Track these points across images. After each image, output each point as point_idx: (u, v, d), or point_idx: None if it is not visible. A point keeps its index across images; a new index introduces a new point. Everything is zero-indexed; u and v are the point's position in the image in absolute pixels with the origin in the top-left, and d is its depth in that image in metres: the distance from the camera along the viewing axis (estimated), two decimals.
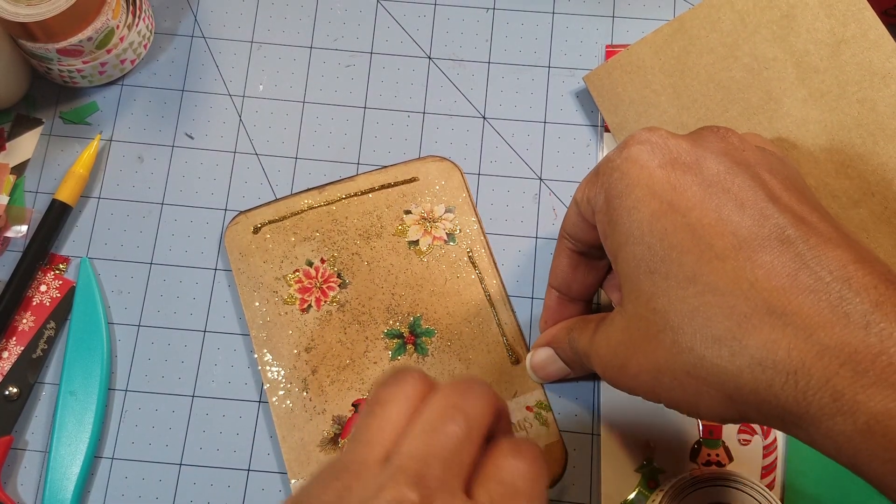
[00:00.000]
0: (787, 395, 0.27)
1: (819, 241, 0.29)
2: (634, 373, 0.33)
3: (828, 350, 0.27)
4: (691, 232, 0.30)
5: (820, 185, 0.43)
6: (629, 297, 0.33)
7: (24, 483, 0.45)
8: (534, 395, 0.45)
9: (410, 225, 0.48)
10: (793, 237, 0.29)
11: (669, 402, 0.32)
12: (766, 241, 0.29)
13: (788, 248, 0.29)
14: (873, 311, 0.27)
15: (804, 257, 0.29)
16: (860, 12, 0.43)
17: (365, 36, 0.52)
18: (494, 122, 0.51)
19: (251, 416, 0.46)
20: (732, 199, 0.31)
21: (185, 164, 0.50)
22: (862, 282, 0.28)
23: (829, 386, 0.27)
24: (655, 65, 0.47)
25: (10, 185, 0.48)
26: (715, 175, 0.31)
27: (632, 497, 0.44)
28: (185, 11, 0.52)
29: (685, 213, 0.31)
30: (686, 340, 0.30)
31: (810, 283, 0.28)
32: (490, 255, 0.48)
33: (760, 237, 0.30)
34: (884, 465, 0.26)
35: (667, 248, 0.31)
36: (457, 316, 0.46)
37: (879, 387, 0.26)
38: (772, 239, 0.29)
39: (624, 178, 0.33)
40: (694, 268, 0.30)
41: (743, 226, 0.30)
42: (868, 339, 0.26)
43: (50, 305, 0.47)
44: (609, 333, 0.35)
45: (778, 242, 0.29)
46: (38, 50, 0.46)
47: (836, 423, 0.27)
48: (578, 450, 0.45)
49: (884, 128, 0.42)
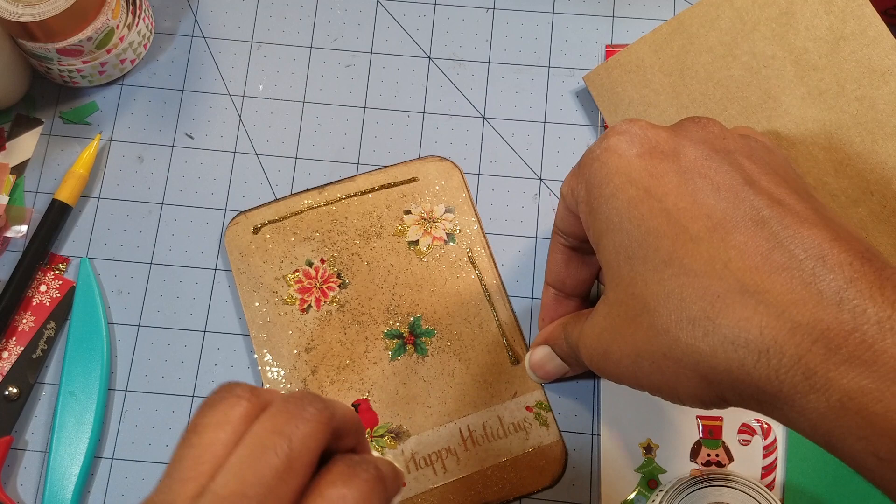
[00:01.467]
0: (760, 373, 0.27)
1: (794, 221, 0.29)
2: (616, 358, 0.33)
3: (800, 327, 0.27)
4: (667, 216, 0.31)
5: (819, 184, 0.43)
6: (611, 285, 0.33)
7: (24, 483, 0.45)
8: (533, 395, 0.45)
9: (410, 225, 0.48)
10: (767, 217, 0.29)
11: (650, 387, 0.32)
12: (740, 223, 0.29)
13: (762, 228, 0.29)
14: (847, 288, 0.27)
15: (778, 236, 0.28)
16: (859, 9, 0.43)
17: (365, 36, 0.52)
18: (494, 122, 0.51)
19: None
20: (709, 183, 0.31)
21: (185, 164, 0.50)
22: (837, 259, 0.27)
23: (801, 364, 0.26)
24: (655, 64, 0.47)
25: (10, 185, 0.48)
26: (692, 161, 0.32)
27: (632, 497, 0.44)
28: (185, 11, 0.53)
29: (661, 199, 0.31)
30: (662, 322, 0.30)
31: (783, 261, 0.28)
32: (490, 255, 0.48)
33: (735, 219, 0.30)
34: (857, 442, 0.26)
35: (644, 233, 0.31)
36: (457, 316, 0.46)
37: (852, 364, 0.26)
38: (746, 220, 0.29)
39: (603, 168, 0.33)
40: (670, 251, 0.30)
41: (718, 208, 0.30)
42: (841, 315, 0.26)
43: (50, 305, 0.47)
44: (594, 321, 0.35)
45: (752, 223, 0.29)
46: (38, 50, 0.46)
47: (809, 401, 0.26)
48: (578, 450, 0.45)
49: (883, 126, 0.42)
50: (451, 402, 0.45)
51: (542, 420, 0.45)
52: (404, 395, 0.45)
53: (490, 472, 0.44)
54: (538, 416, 0.45)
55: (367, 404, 0.45)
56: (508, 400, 0.45)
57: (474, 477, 0.44)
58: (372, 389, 0.45)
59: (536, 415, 0.45)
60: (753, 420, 0.45)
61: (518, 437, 0.45)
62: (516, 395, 0.45)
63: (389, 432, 0.45)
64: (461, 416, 0.45)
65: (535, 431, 0.45)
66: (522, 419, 0.45)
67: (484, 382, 0.45)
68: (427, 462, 0.44)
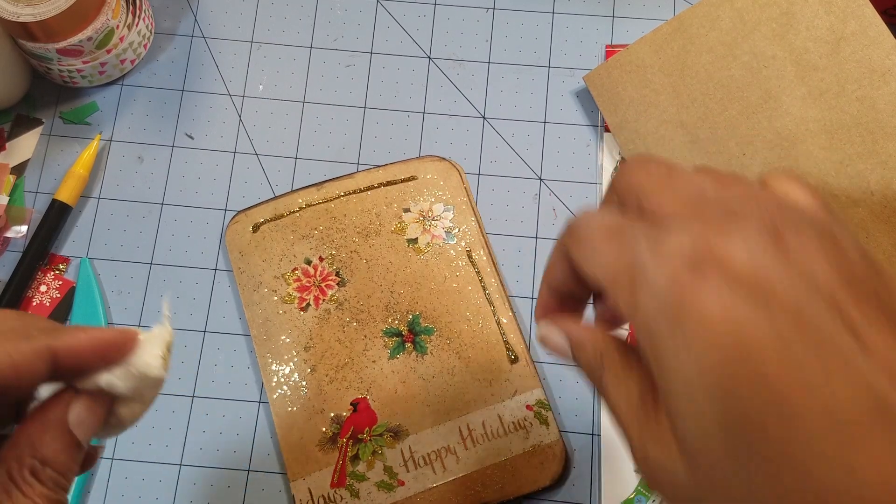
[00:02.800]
0: None
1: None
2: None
3: None
4: (772, 393, 0.21)
5: (819, 184, 0.43)
6: (693, 446, 0.23)
7: None
8: (533, 393, 0.45)
9: (409, 223, 0.48)
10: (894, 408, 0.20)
11: None
12: (862, 419, 0.20)
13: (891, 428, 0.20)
14: None
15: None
16: (860, 9, 0.43)
17: (365, 36, 0.52)
18: (494, 122, 0.51)
19: (251, 416, 0.46)
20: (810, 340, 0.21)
21: (185, 164, 0.50)
22: None
23: None
24: (655, 64, 0.47)
25: (10, 185, 0.48)
26: (787, 303, 0.21)
27: (632, 497, 0.44)
28: (185, 11, 0.53)
29: (760, 364, 0.21)
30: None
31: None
32: (489, 254, 0.48)
33: (855, 413, 0.20)
34: None
35: (741, 414, 0.21)
36: (456, 314, 0.46)
37: None
38: (871, 414, 0.20)
39: (669, 311, 0.22)
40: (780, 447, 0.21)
41: (834, 396, 0.20)
42: None
43: (50, 305, 0.47)
44: (669, 468, 0.24)
45: (879, 419, 0.20)
46: (38, 50, 0.46)
47: None
48: (579, 450, 0.45)
49: (883, 126, 0.42)
50: (451, 400, 0.45)
51: (543, 419, 0.45)
52: (403, 394, 0.45)
53: (490, 472, 0.44)
54: (538, 415, 0.45)
55: (365, 403, 0.45)
56: (508, 398, 0.45)
57: (474, 476, 0.44)
58: (371, 388, 0.45)
59: (537, 413, 0.45)
60: None
61: (518, 435, 0.44)
62: (516, 393, 0.45)
63: (388, 431, 0.44)
64: (460, 414, 0.45)
65: (536, 430, 0.45)
66: (522, 418, 0.45)
67: (483, 381, 0.45)
68: (426, 461, 0.44)
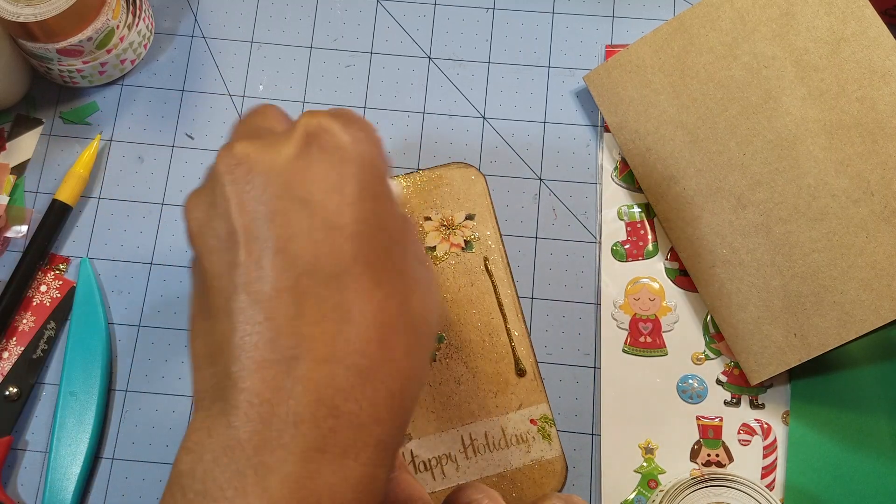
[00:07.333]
0: None
1: None
2: None
3: None
4: None
5: (819, 184, 0.43)
6: None
7: (25, 483, 0.45)
8: (539, 408, 0.45)
9: (429, 231, 0.48)
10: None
11: None
12: None
13: None
14: None
15: None
16: (860, 10, 0.43)
17: (365, 36, 0.52)
18: (494, 122, 0.51)
19: None
20: None
21: (185, 164, 0.50)
22: None
23: None
24: (655, 64, 0.47)
25: (10, 185, 0.48)
26: None
27: (632, 497, 0.44)
28: (185, 11, 0.53)
29: None
30: None
31: None
32: (507, 264, 0.47)
33: None
34: None
35: None
36: (467, 323, 0.46)
37: None
38: None
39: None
40: None
41: None
42: None
43: (50, 306, 0.47)
44: None
45: None
46: (38, 50, 0.46)
47: None
48: (578, 450, 0.45)
49: (883, 126, 0.42)
50: (455, 408, 0.45)
51: (546, 434, 0.45)
52: None
53: (488, 483, 0.44)
54: (542, 430, 0.45)
55: None
56: (513, 411, 0.45)
57: None
58: None
59: (540, 429, 0.45)
60: (753, 420, 0.45)
61: (520, 449, 0.44)
62: (521, 406, 0.45)
63: None
64: (464, 423, 0.45)
65: (538, 445, 0.45)
66: (525, 432, 0.45)
67: (489, 391, 0.45)
68: (427, 466, 0.44)
